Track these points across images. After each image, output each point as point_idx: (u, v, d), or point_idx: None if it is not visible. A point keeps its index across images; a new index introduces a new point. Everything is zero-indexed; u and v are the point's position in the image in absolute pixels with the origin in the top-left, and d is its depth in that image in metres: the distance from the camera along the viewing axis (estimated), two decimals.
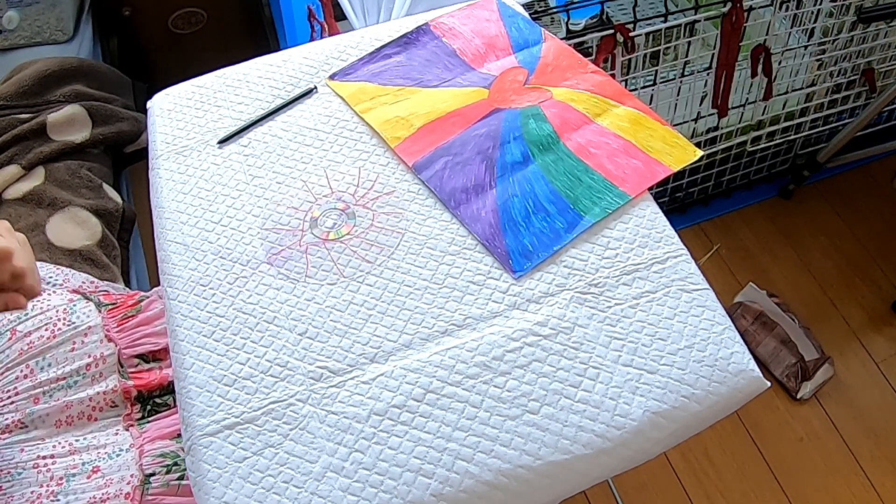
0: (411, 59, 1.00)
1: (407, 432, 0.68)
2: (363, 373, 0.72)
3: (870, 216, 1.84)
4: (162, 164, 0.91)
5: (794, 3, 1.54)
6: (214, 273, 0.80)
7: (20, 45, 1.54)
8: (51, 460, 0.82)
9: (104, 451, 0.85)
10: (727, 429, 1.53)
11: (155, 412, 0.91)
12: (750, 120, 1.66)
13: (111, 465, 0.83)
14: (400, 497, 0.65)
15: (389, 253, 0.80)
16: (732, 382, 0.71)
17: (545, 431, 0.68)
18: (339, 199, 0.86)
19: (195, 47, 1.89)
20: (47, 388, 0.87)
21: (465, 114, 0.92)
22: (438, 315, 0.75)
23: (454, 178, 0.86)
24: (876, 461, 1.48)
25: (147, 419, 0.90)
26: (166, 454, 0.86)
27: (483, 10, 1.05)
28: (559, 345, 0.73)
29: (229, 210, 0.85)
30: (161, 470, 0.84)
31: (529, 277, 0.78)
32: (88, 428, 0.88)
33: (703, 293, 0.76)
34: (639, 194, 0.83)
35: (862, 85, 1.73)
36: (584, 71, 0.96)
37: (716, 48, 1.46)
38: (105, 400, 0.89)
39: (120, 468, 0.83)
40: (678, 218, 1.84)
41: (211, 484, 0.67)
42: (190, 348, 0.75)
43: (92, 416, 0.88)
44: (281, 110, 0.95)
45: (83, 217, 1.23)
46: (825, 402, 1.56)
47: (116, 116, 1.39)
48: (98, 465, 0.83)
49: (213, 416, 0.70)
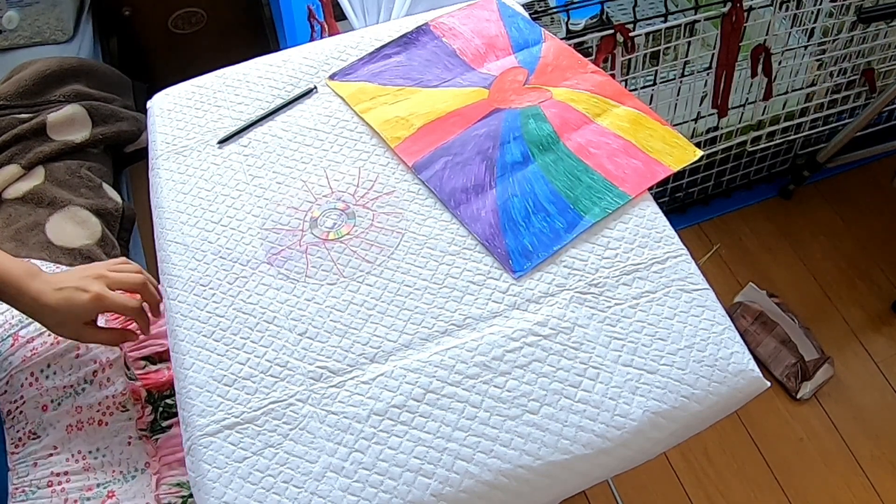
0: (411, 59, 1.00)
1: (407, 432, 0.68)
2: (363, 373, 0.72)
3: (870, 216, 1.84)
4: (162, 164, 0.91)
5: (794, 3, 1.54)
6: (214, 273, 0.80)
7: (20, 45, 1.54)
8: (64, 477, 0.80)
9: (119, 471, 0.83)
10: (727, 429, 1.53)
11: (167, 414, 0.90)
12: (750, 120, 1.66)
13: (126, 490, 0.82)
14: (400, 497, 0.65)
15: (389, 253, 0.80)
16: (732, 382, 0.71)
17: (545, 431, 0.68)
18: (339, 199, 0.86)
19: (195, 47, 1.89)
20: (54, 396, 0.86)
21: (465, 114, 0.92)
22: (438, 315, 0.75)
23: (454, 178, 0.86)
24: (876, 461, 1.48)
25: (160, 424, 0.89)
26: (182, 483, 0.84)
27: (483, 10, 1.05)
28: (559, 345, 0.73)
29: (229, 210, 0.85)
30: (177, 501, 0.83)
31: (529, 277, 0.78)
32: (100, 433, 0.86)
33: (703, 293, 0.76)
34: (639, 194, 0.83)
35: (862, 85, 1.73)
36: (584, 71, 0.96)
37: (716, 48, 1.46)
38: (115, 403, 0.88)
39: (135, 496, 0.82)
40: (678, 218, 1.84)
41: (211, 484, 0.67)
42: (190, 348, 0.75)
43: (102, 422, 0.87)
44: (281, 110, 0.95)
45: (83, 217, 1.23)
46: (825, 402, 1.56)
47: (116, 116, 1.39)
48: (113, 490, 0.81)
49: (213, 416, 0.70)
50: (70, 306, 0.82)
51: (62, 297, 0.82)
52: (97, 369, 0.88)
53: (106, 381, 0.88)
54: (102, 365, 0.89)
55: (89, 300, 0.82)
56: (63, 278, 0.85)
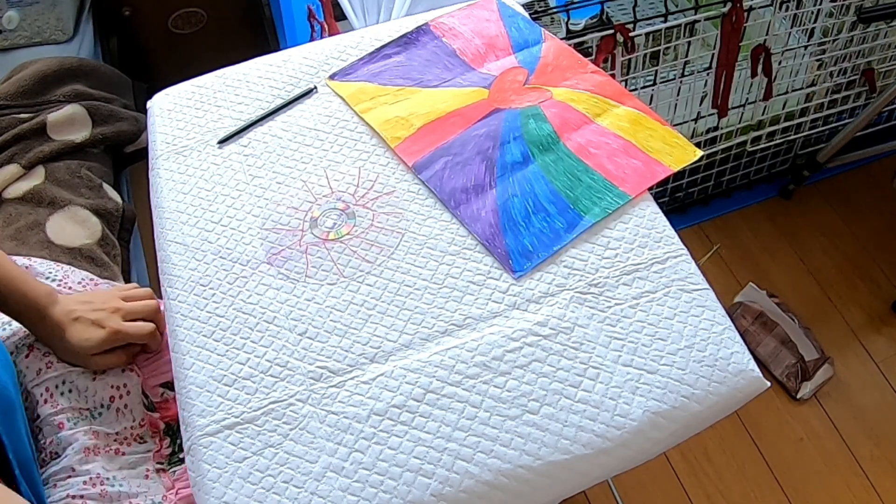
0: (411, 59, 1.00)
1: (407, 432, 0.68)
2: (363, 373, 0.72)
3: (870, 216, 1.84)
4: (162, 164, 0.91)
5: (794, 3, 1.54)
6: (214, 273, 0.80)
7: (20, 45, 1.54)
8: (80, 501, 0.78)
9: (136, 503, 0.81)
10: (727, 429, 1.53)
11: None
12: (750, 120, 1.66)
13: None
14: (400, 497, 0.65)
15: (389, 253, 0.80)
16: (732, 382, 0.71)
17: (545, 431, 0.68)
18: (339, 199, 0.86)
19: (195, 47, 1.89)
20: (70, 415, 0.83)
21: (465, 114, 0.92)
22: (438, 315, 0.75)
23: (454, 178, 0.86)
24: (876, 461, 1.48)
25: (178, 455, 0.87)
26: None
27: (483, 10, 1.05)
28: (559, 345, 0.73)
29: (229, 210, 0.85)
30: None
31: (529, 277, 0.78)
32: (117, 462, 0.83)
33: (703, 293, 0.76)
34: (639, 194, 0.83)
35: (862, 85, 1.73)
36: (584, 71, 0.96)
37: (716, 48, 1.46)
38: (133, 435, 0.85)
39: None
40: (678, 218, 1.84)
41: (211, 484, 0.67)
42: (190, 348, 0.75)
43: (119, 451, 0.84)
44: (281, 110, 0.95)
45: (83, 216, 1.23)
46: (825, 402, 1.56)
47: (116, 116, 1.39)
48: None
49: (213, 416, 0.70)
50: (84, 340, 0.83)
51: (77, 330, 0.84)
52: (114, 395, 0.86)
53: (123, 409, 0.86)
54: (119, 390, 0.86)
55: (106, 336, 0.84)
56: (79, 307, 0.86)
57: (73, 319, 0.84)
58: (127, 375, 0.88)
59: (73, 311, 0.85)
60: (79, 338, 0.84)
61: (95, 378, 0.86)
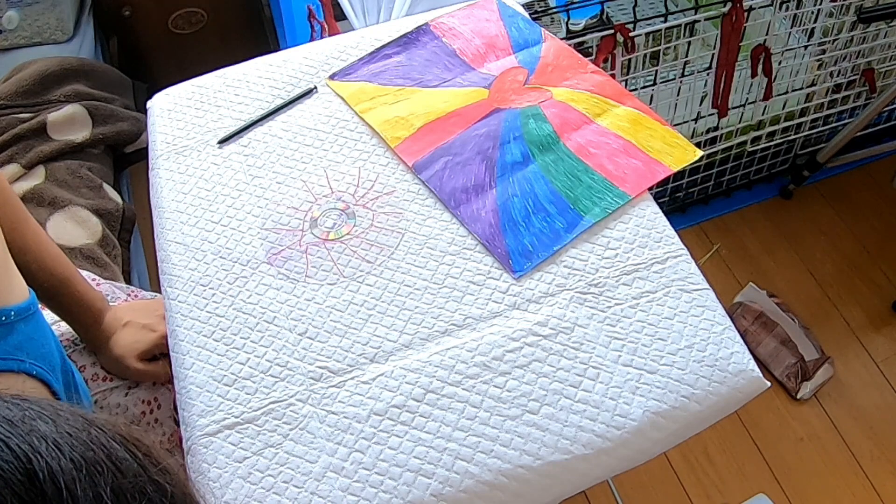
0: (411, 59, 1.00)
1: (407, 432, 0.68)
2: (363, 373, 0.72)
3: (870, 216, 1.84)
4: (162, 164, 0.91)
5: (794, 3, 1.54)
6: (214, 273, 0.80)
7: (20, 45, 1.54)
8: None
9: None
10: (727, 429, 1.53)
11: None
12: (750, 120, 1.66)
13: None
14: (400, 497, 0.65)
15: (389, 253, 0.80)
16: (732, 382, 0.71)
17: (545, 431, 0.68)
18: (339, 199, 0.86)
19: (195, 47, 1.89)
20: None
21: (465, 114, 0.92)
22: (438, 315, 0.75)
23: (454, 178, 0.86)
24: (876, 461, 1.48)
25: None
26: None
27: (483, 10, 1.05)
28: (559, 345, 0.73)
29: (229, 210, 0.85)
30: None
31: (529, 277, 0.78)
32: None
33: (703, 293, 0.76)
34: (639, 194, 0.83)
35: (862, 85, 1.72)
36: (584, 71, 0.96)
37: (716, 48, 1.46)
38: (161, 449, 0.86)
39: None
40: (678, 218, 1.84)
41: (211, 484, 0.67)
42: (190, 348, 0.75)
43: None
44: (281, 110, 0.95)
45: (83, 216, 1.23)
46: (825, 402, 1.56)
47: (116, 116, 1.39)
48: None
49: (213, 416, 0.70)
50: (134, 342, 0.84)
51: (128, 333, 0.85)
52: (145, 410, 0.86)
53: (154, 423, 0.87)
54: (151, 405, 0.87)
55: (157, 339, 0.85)
56: (128, 314, 0.87)
57: (124, 325, 0.86)
58: (158, 389, 0.88)
59: (123, 318, 0.86)
60: (129, 340, 0.84)
61: (128, 393, 0.86)
